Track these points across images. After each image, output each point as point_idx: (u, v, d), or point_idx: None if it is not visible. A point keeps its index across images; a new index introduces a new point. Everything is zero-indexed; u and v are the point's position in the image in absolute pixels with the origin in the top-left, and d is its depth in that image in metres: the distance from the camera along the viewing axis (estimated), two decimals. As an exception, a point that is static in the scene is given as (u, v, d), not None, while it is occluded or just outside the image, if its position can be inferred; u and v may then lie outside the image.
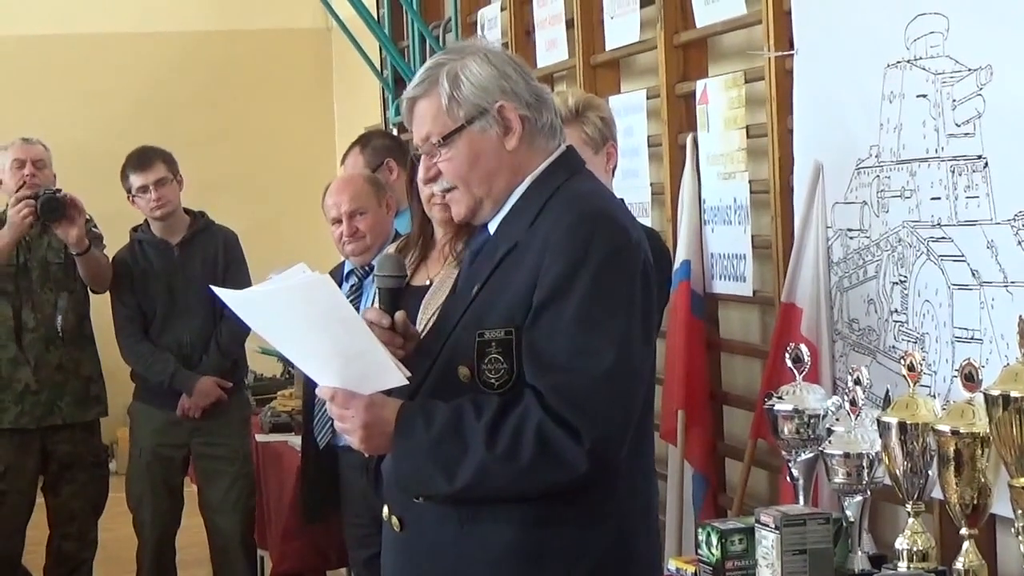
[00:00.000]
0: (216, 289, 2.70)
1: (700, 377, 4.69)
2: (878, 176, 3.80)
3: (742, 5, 4.48)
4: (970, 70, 3.40)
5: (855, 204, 3.91)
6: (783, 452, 3.10)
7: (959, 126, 3.45)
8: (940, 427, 2.62)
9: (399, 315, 2.74)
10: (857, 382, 2.92)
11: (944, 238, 3.54)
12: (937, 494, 2.79)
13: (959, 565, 2.64)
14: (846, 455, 2.87)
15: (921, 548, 2.77)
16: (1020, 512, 2.45)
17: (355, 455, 4.42)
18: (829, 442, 2.91)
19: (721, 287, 4.71)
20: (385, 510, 2.79)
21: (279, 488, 5.60)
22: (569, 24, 5.74)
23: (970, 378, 2.61)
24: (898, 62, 3.67)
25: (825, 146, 4.04)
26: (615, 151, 3.78)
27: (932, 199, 3.57)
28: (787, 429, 3.05)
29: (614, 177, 3.82)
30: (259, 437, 5.98)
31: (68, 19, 9.74)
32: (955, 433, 2.59)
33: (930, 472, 2.73)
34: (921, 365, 2.81)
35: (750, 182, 4.50)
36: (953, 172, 3.48)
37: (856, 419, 2.90)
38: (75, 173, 6.13)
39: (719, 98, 4.61)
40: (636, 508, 2.74)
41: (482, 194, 2.69)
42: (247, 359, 6.04)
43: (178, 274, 5.79)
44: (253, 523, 5.88)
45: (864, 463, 2.86)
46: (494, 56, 2.71)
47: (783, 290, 4.13)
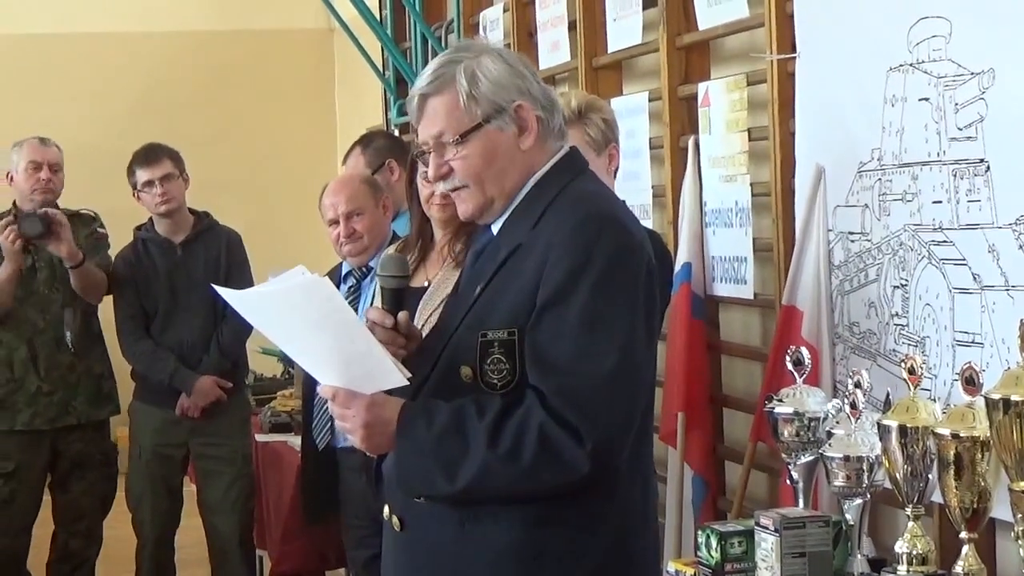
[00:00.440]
0: (218, 288, 2.71)
1: (700, 379, 4.69)
2: (880, 179, 3.80)
3: (744, 8, 4.48)
4: (972, 74, 3.40)
5: (856, 207, 3.91)
6: (783, 455, 3.10)
7: (961, 130, 3.45)
8: (940, 431, 2.62)
9: (402, 315, 2.75)
10: (857, 385, 2.92)
11: (945, 242, 3.53)
12: (937, 498, 2.79)
13: (959, 569, 2.64)
14: (846, 458, 2.87)
15: (921, 552, 2.77)
16: (1020, 516, 2.45)
17: (354, 456, 4.42)
18: (829, 445, 2.91)
19: (722, 289, 4.71)
20: (386, 510, 2.79)
21: (279, 488, 5.60)
22: (571, 26, 5.74)
23: (971, 382, 2.61)
24: (900, 65, 3.66)
25: (827, 149, 4.04)
26: (617, 153, 3.78)
27: (934, 203, 3.57)
28: (787, 432, 3.05)
29: (616, 179, 3.82)
30: (259, 437, 5.98)
31: (70, 18, 9.74)
32: (955, 437, 2.59)
33: (930, 476, 2.73)
34: (922, 369, 2.81)
35: (751, 185, 4.50)
36: (955, 176, 3.48)
37: (856, 422, 2.90)
38: (76, 173, 6.12)
39: (721, 101, 4.61)
40: (636, 510, 2.74)
41: (494, 193, 2.69)
42: (247, 359, 6.05)
43: (181, 273, 5.79)
44: (252, 524, 5.89)
45: (864, 466, 2.86)
46: (507, 55, 2.72)
47: (784, 293, 4.13)
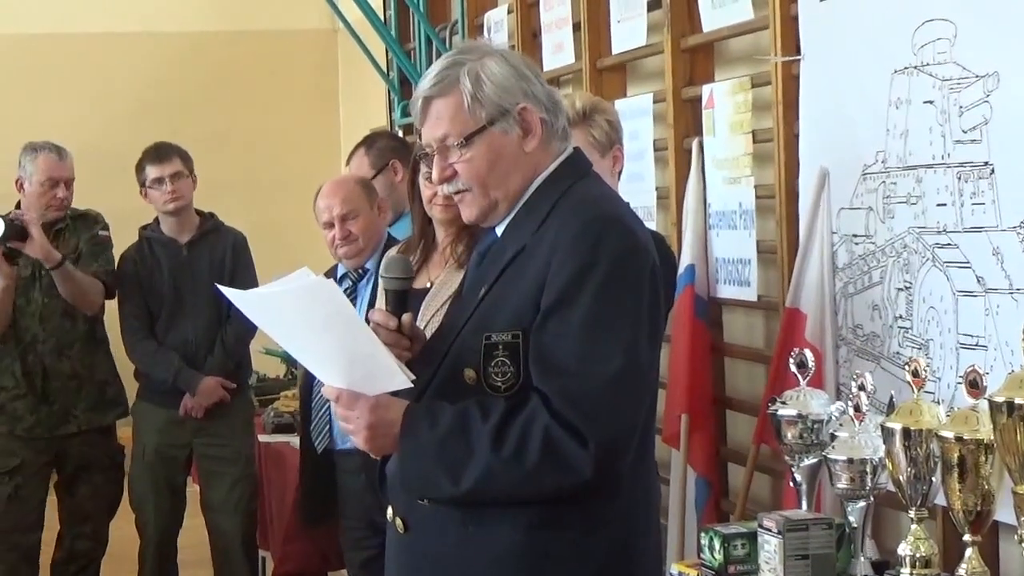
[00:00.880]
0: (222, 288, 2.70)
1: (703, 381, 4.69)
2: (884, 182, 3.79)
3: (749, 10, 4.48)
4: (977, 76, 3.40)
5: (861, 210, 3.91)
6: (786, 457, 3.10)
7: (966, 132, 3.45)
8: (944, 433, 2.61)
9: (406, 317, 2.74)
10: (861, 388, 2.91)
11: (949, 244, 3.53)
12: (940, 500, 2.78)
13: (962, 572, 2.63)
14: (849, 460, 2.86)
15: (924, 554, 2.76)
16: (1023, 519, 2.45)
17: (352, 459, 4.43)
18: (832, 447, 2.91)
19: (725, 292, 4.70)
20: (389, 512, 2.78)
21: (281, 489, 5.59)
22: (576, 27, 5.74)
23: (974, 385, 2.60)
24: (905, 68, 3.66)
25: (831, 151, 4.04)
26: (621, 154, 3.78)
27: (938, 205, 3.57)
28: (790, 434, 3.04)
29: (620, 180, 3.82)
30: (262, 438, 5.98)
31: (73, 18, 9.75)
32: (959, 439, 2.58)
33: (933, 478, 2.72)
34: (925, 371, 2.80)
35: (755, 187, 4.50)
36: (959, 178, 3.48)
37: (860, 425, 2.89)
38: (78, 173, 6.11)
39: (725, 102, 4.61)
40: (639, 512, 2.73)
41: (498, 196, 2.69)
42: (251, 359, 6.05)
43: (186, 273, 5.79)
44: (255, 524, 5.88)
45: (867, 469, 2.86)
46: (511, 57, 2.71)
47: (787, 295, 4.13)
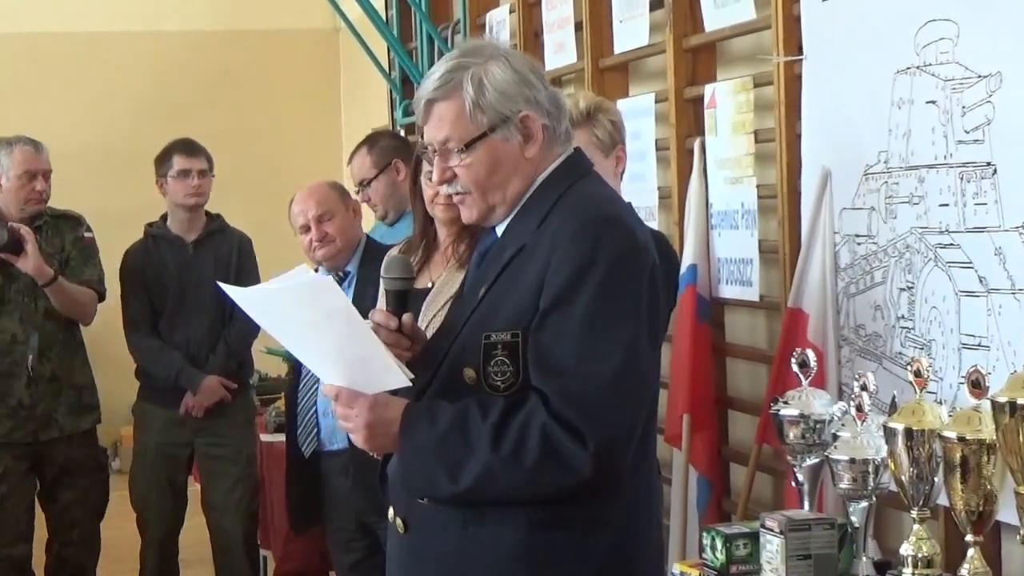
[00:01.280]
0: (223, 285, 2.71)
1: (705, 381, 4.69)
2: (886, 182, 3.79)
3: (751, 10, 4.47)
4: (980, 77, 3.40)
5: (863, 210, 3.91)
6: (788, 457, 3.10)
7: (968, 133, 3.44)
8: (946, 434, 2.61)
9: (406, 317, 2.74)
10: (863, 388, 2.91)
11: (952, 245, 3.53)
12: (942, 500, 2.78)
13: (964, 572, 2.63)
14: (852, 460, 2.86)
15: (926, 554, 2.76)
16: (1026, 519, 2.45)
17: (338, 460, 4.43)
18: (835, 447, 2.91)
19: (727, 291, 4.70)
20: (390, 511, 2.78)
21: (282, 488, 5.58)
22: (578, 27, 5.74)
23: (977, 385, 2.60)
24: (907, 68, 3.66)
25: (833, 151, 4.04)
26: (624, 155, 3.78)
27: (940, 205, 3.57)
28: (793, 434, 3.04)
29: (623, 180, 3.82)
30: (263, 437, 5.98)
31: (75, 18, 9.74)
32: (961, 440, 2.58)
33: (936, 478, 2.72)
34: (928, 371, 2.80)
35: (757, 187, 4.50)
36: (962, 179, 3.47)
37: (862, 425, 2.89)
38: (81, 173, 6.15)
39: (727, 102, 4.61)
40: (640, 512, 2.73)
41: (496, 200, 2.69)
42: (253, 359, 6.05)
43: (191, 272, 5.79)
44: (256, 523, 5.89)
45: (869, 469, 2.86)
46: (515, 61, 2.70)
47: (790, 295, 4.12)
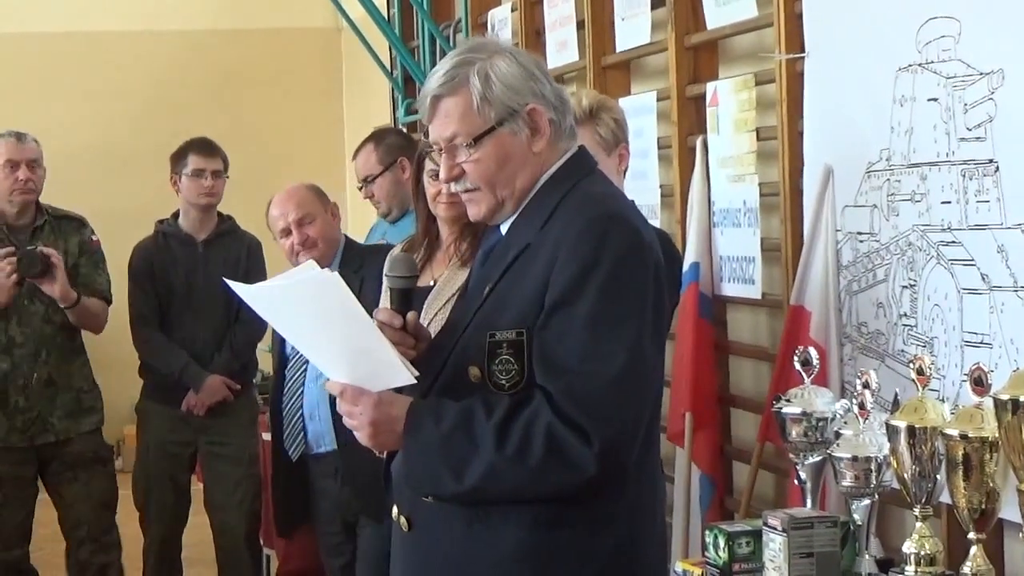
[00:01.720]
0: (230, 282, 2.71)
1: (708, 379, 4.69)
2: (888, 180, 3.79)
3: (753, 7, 4.47)
4: (982, 74, 3.40)
5: (865, 207, 3.90)
6: (791, 455, 3.10)
7: (970, 130, 3.44)
8: (949, 431, 2.61)
9: (410, 315, 2.74)
10: (866, 385, 2.91)
11: (954, 242, 3.53)
12: (945, 498, 2.78)
13: (966, 570, 2.63)
14: (854, 458, 2.86)
15: (929, 552, 2.76)
16: (1028, 517, 2.45)
17: (325, 463, 4.43)
18: (837, 445, 2.91)
19: (730, 289, 4.70)
20: (394, 510, 2.79)
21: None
22: (580, 25, 5.74)
23: (979, 382, 2.60)
24: (909, 65, 3.66)
25: (835, 149, 4.04)
26: (627, 153, 3.78)
27: (942, 203, 3.57)
28: (795, 432, 3.04)
29: (625, 179, 3.82)
30: (266, 436, 5.97)
31: (77, 17, 9.75)
32: (964, 437, 2.58)
33: (938, 476, 2.72)
34: (930, 369, 2.80)
35: (760, 185, 4.50)
36: (964, 176, 3.47)
37: (864, 422, 2.89)
38: (81, 172, 6.14)
39: (729, 100, 4.61)
40: (644, 511, 2.73)
41: (505, 195, 2.69)
42: (256, 359, 6.05)
43: (199, 271, 5.79)
44: (259, 522, 5.89)
45: (872, 467, 2.86)
46: (520, 55, 2.70)
47: (792, 293, 4.12)
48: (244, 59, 10.04)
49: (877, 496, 2.90)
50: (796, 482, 3.13)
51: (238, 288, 2.67)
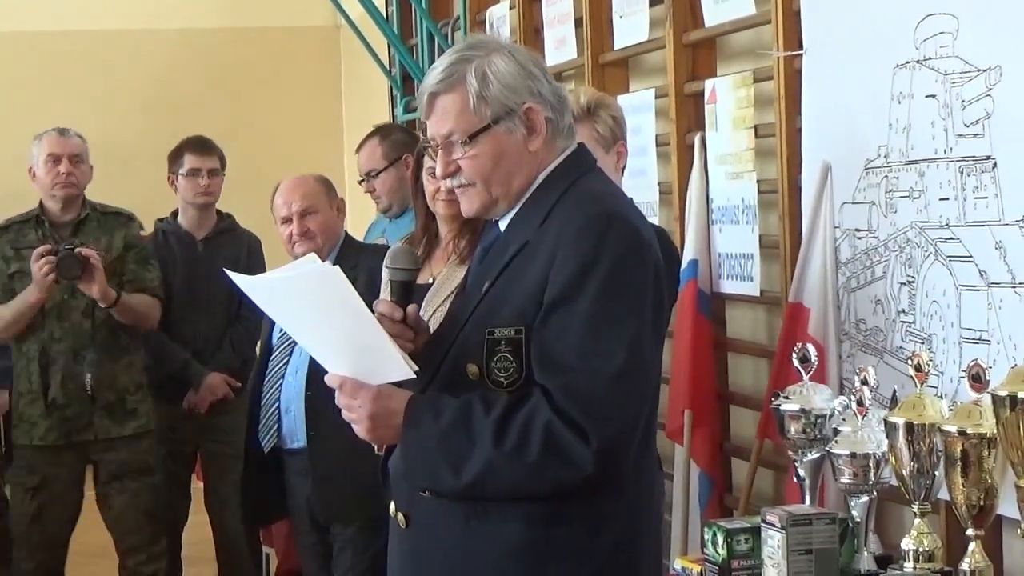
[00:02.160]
0: (230, 273, 2.71)
1: (707, 377, 4.69)
2: (886, 176, 3.79)
3: (751, 5, 4.47)
4: (979, 71, 3.40)
5: (863, 204, 3.91)
6: (789, 452, 3.10)
7: (968, 127, 3.45)
8: (947, 428, 2.62)
9: (411, 308, 2.74)
10: (864, 382, 2.91)
11: (952, 239, 3.53)
12: (943, 495, 2.78)
13: (965, 566, 2.63)
14: (853, 455, 2.86)
15: (927, 549, 2.76)
16: (1027, 513, 2.45)
17: (298, 459, 4.41)
18: (836, 442, 2.91)
19: (728, 287, 4.71)
20: (392, 506, 2.79)
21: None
22: (578, 23, 5.75)
23: (977, 379, 2.60)
24: (907, 62, 3.66)
25: (833, 146, 4.04)
26: (625, 150, 3.78)
27: (940, 200, 3.57)
28: (794, 429, 3.04)
29: (623, 176, 3.82)
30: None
31: (77, 16, 9.74)
32: (962, 434, 2.58)
33: (937, 473, 2.72)
34: (928, 366, 2.80)
35: (758, 182, 4.50)
36: (962, 173, 3.48)
37: (863, 419, 2.89)
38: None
39: (727, 97, 4.61)
40: (642, 509, 2.74)
41: (499, 194, 2.69)
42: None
43: (199, 269, 5.78)
44: (259, 521, 5.88)
45: (871, 463, 2.86)
46: (519, 54, 2.70)
47: (790, 290, 4.13)
48: (243, 57, 10.03)
49: (876, 493, 2.90)
50: (795, 479, 3.13)
51: (238, 279, 2.67)
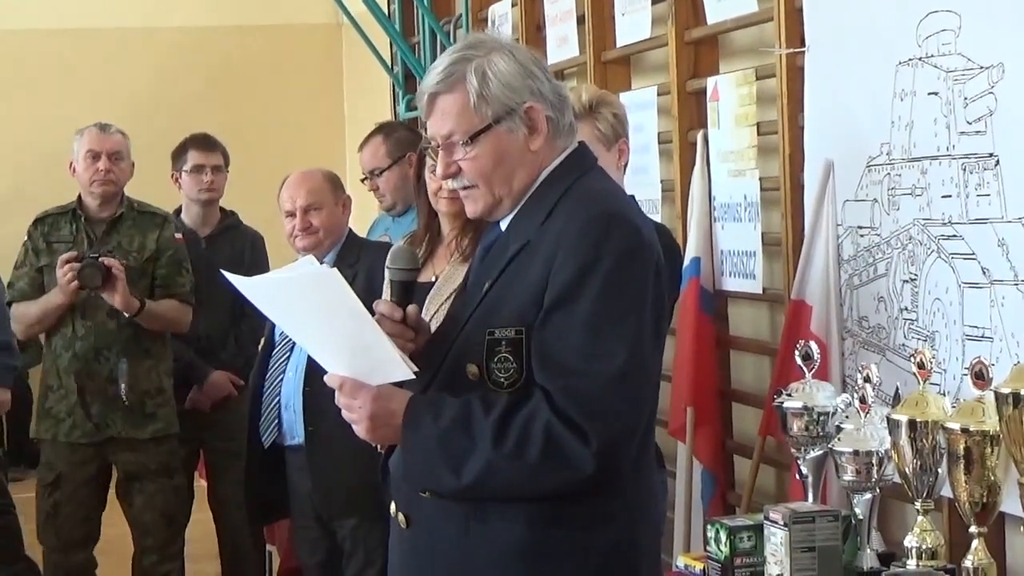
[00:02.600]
0: (228, 275, 2.70)
1: (709, 374, 4.69)
2: (889, 174, 3.79)
3: (753, 2, 4.47)
4: (982, 68, 3.40)
5: (866, 202, 3.91)
6: (792, 449, 3.10)
7: (970, 124, 3.44)
8: (950, 425, 2.62)
9: (411, 309, 2.74)
10: (867, 380, 2.92)
11: (955, 236, 3.53)
12: (946, 492, 2.79)
13: (968, 563, 2.64)
14: (855, 453, 2.87)
15: (930, 546, 2.77)
16: (1029, 510, 2.45)
17: (299, 456, 4.41)
18: (838, 439, 2.91)
19: (731, 284, 4.70)
20: (392, 506, 2.78)
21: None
22: (580, 20, 5.74)
23: (980, 376, 2.61)
24: (910, 59, 3.66)
25: (836, 143, 4.04)
26: (627, 148, 3.78)
27: (943, 197, 3.57)
28: (796, 426, 3.05)
29: (625, 174, 3.82)
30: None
31: (77, 15, 9.75)
32: (965, 431, 2.59)
33: (939, 470, 2.73)
34: (931, 363, 2.81)
35: (760, 179, 4.50)
36: (964, 170, 3.47)
37: (866, 417, 2.90)
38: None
39: (730, 95, 4.61)
40: (642, 508, 2.73)
41: (503, 193, 2.68)
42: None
43: (203, 266, 5.76)
44: (262, 519, 5.88)
45: (873, 461, 2.86)
46: (519, 53, 2.69)
47: (793, 287, 4.13)
48: (245, 55, 10.05)
49: (878, 490, 2.91)
50: (797, 476, 3.14)
51: (236, 281, 2.66)
